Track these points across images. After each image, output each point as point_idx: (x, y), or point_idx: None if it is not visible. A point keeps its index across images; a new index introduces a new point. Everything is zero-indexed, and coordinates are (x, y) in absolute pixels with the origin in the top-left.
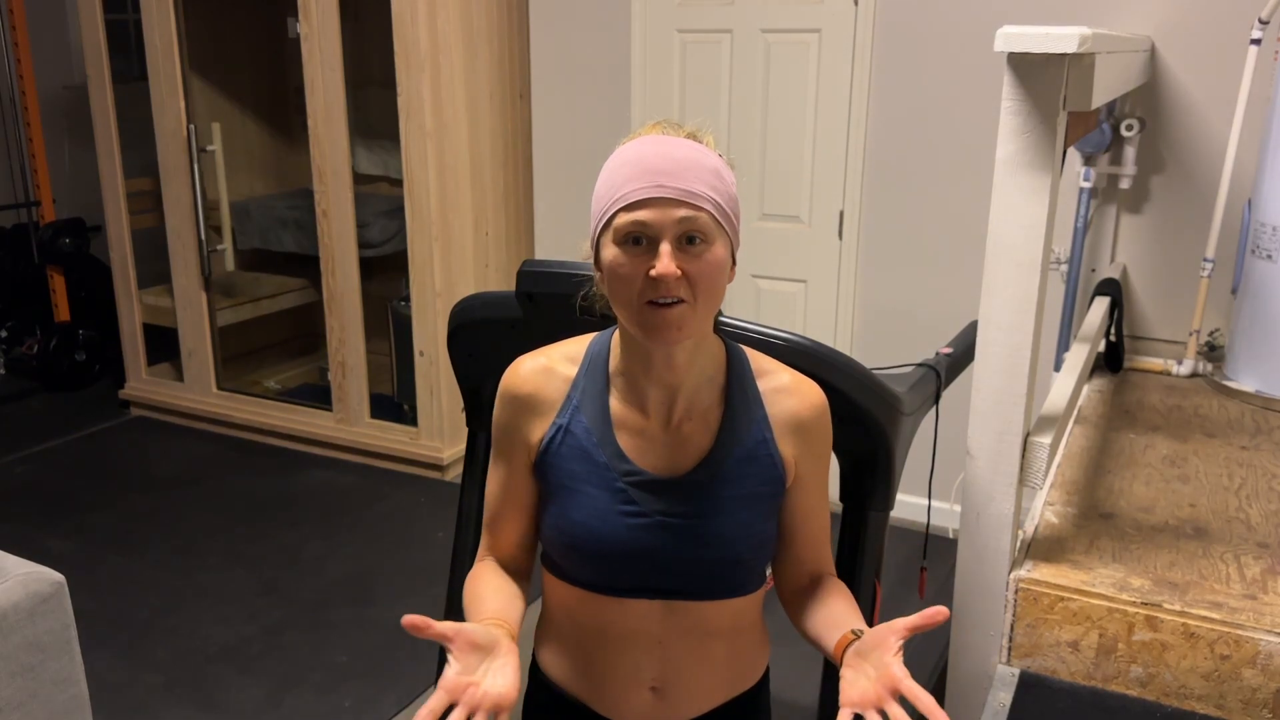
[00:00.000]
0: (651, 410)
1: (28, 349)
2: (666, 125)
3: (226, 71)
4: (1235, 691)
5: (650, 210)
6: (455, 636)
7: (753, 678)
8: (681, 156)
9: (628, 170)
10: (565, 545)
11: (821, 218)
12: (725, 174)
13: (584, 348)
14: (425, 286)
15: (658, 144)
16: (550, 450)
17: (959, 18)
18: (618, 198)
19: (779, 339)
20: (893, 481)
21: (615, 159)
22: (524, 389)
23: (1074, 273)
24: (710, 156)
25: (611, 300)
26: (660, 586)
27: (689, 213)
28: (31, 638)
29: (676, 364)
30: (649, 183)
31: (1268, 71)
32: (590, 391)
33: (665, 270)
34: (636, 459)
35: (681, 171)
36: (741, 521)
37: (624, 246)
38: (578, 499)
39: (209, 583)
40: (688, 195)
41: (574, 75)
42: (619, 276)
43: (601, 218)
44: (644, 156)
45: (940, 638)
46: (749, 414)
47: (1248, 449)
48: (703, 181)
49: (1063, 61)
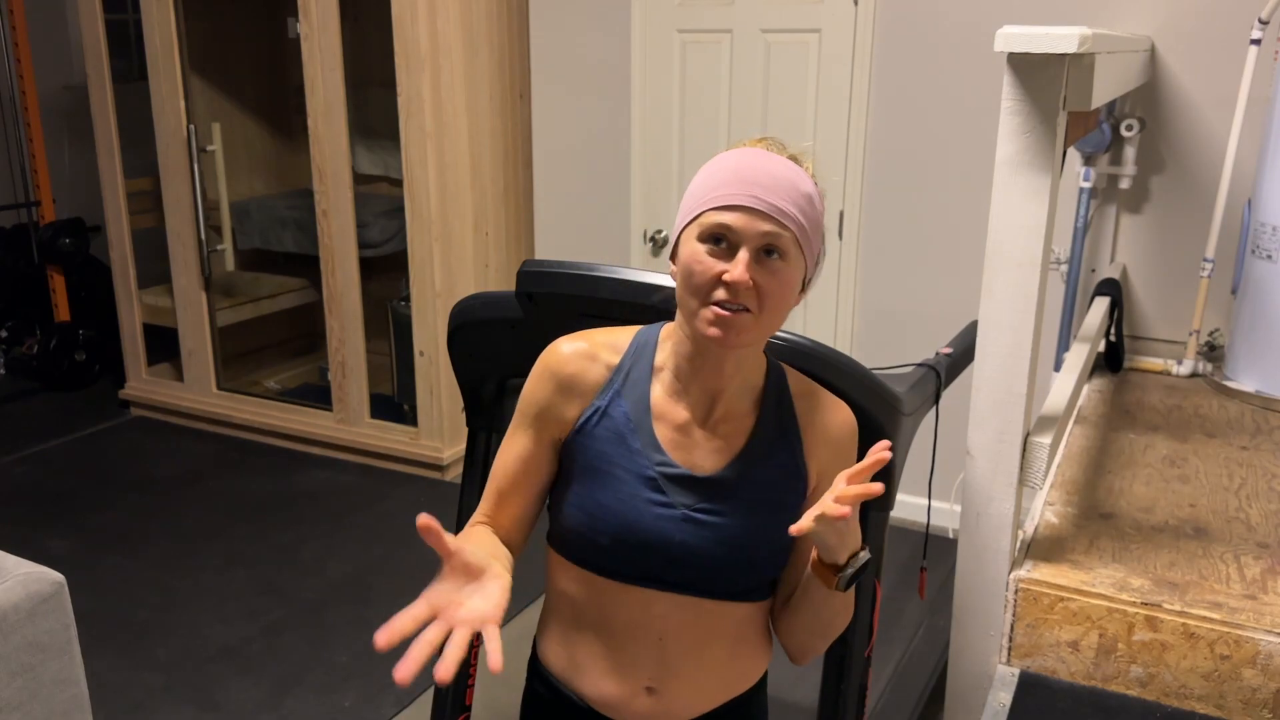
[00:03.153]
0: (691, 406)
1: (28, 349)
2: (772, 143)
3: (226, 71)
4: (1235, 691)
5: (738, 216)
6: (454, 554)
7: (749, 682)
8: (779, 174)
9: (725, 175)
10: (587, 526)
11: None
12: (817, 202)
13: (628, 338)
14: (425, 286)
15: (759, 157)
16: (584, 430)
17: (959, 18)
18: (711, 197)
19: (779, 339)
20: (893, 482)
21: (715, 162)
22: (567, 369)
23: (1074, 273)
24: (806, 181)
25: (680, 293)
26: (669, 578)
27: (774, 228)
28: (31, 638)
29: (724, 369)
30: (743, 190)
31: (1268, 71)
32: (634, 380)
33: (739, 277)
34: (671, 451)
35: (776, 188)
36: (762, 525)
37: (705, 244)
38: (606, 481)
39: (209, 583)
40: (776, 211)
41: (574, 75)
42: (693, 272)
43: (691, 214)
44: (744, 166)
45: (940, 638)
46: (781, 424)
47: (1248, 449)
48: (793, 202)
49: (1063, 61)
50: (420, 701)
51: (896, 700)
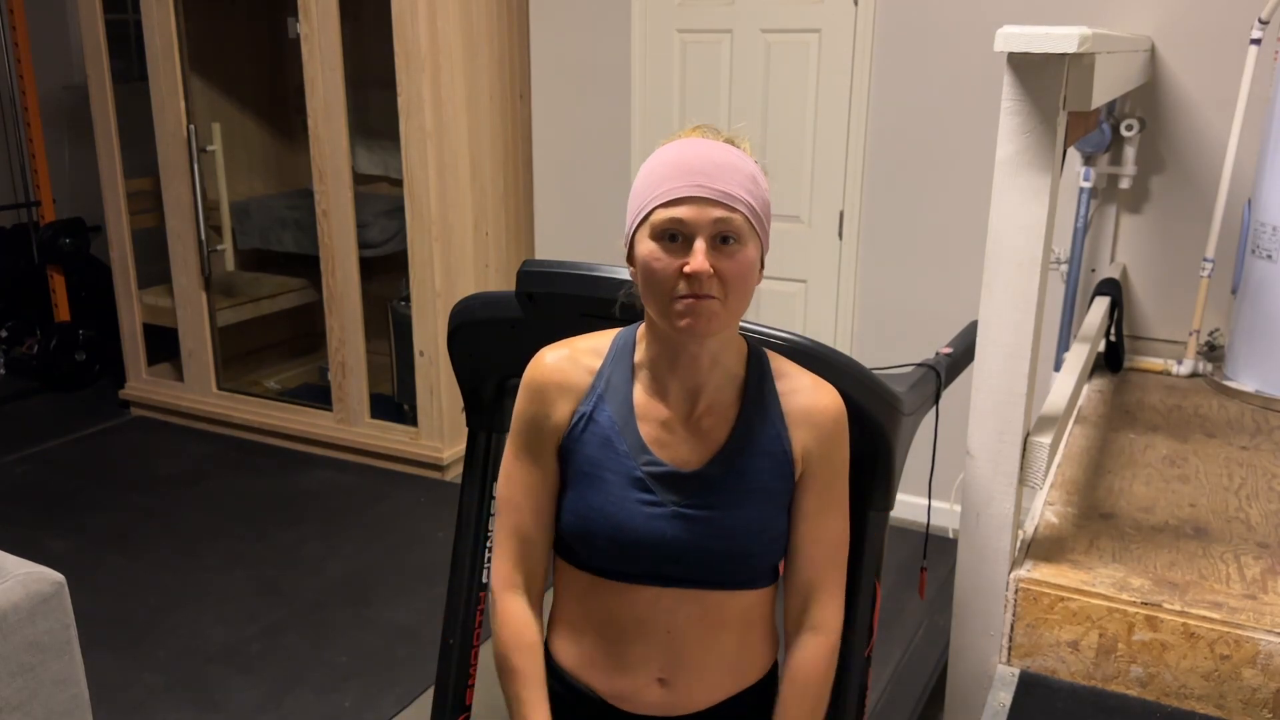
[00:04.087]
0: (673, 403)
1: (28, 349)
2: (707, 129)
3: (226, 71)
4: (1235, 691)
5: (687, 208)
6: None
7: (760, 672)
8: (720, 160)
9: (667, 169)
10: (581, 530)
11: (821, 218)
12: (760, 180)
13: (608, 341)
14: (425, 286)
15: (698, 146)
16: (573, 436)
17: (959, 18)
18: (657, 194)
19: (779, 339)
20: (893, 481)
21: (655, 158)
22: (552, 378)
23: (1074, 273)
24: (748, 162)
25: (644, 294)
26: (671, 574)
27: (724, 214)
28: (31, 638)
29: (701, 360)
30: (688, 182)
31: (1268, 71)
32: (615, 382)
33: (699, 266)
34: (657, 450)
35: (720, 174)
36: (754, 515)
37: (660, 242)
38: (597, 486)
39: (209, 583)
40: (724, 197)
41: (574, 75)
42: (653, 270)
43: (640, 213)
44: (684, 158)
45: (940, 638)
46: (765, 412)
47: (1248, 449)
48: (739, 185)
49: (1063, 61)
50: (420, 701)
51: (896, 700)
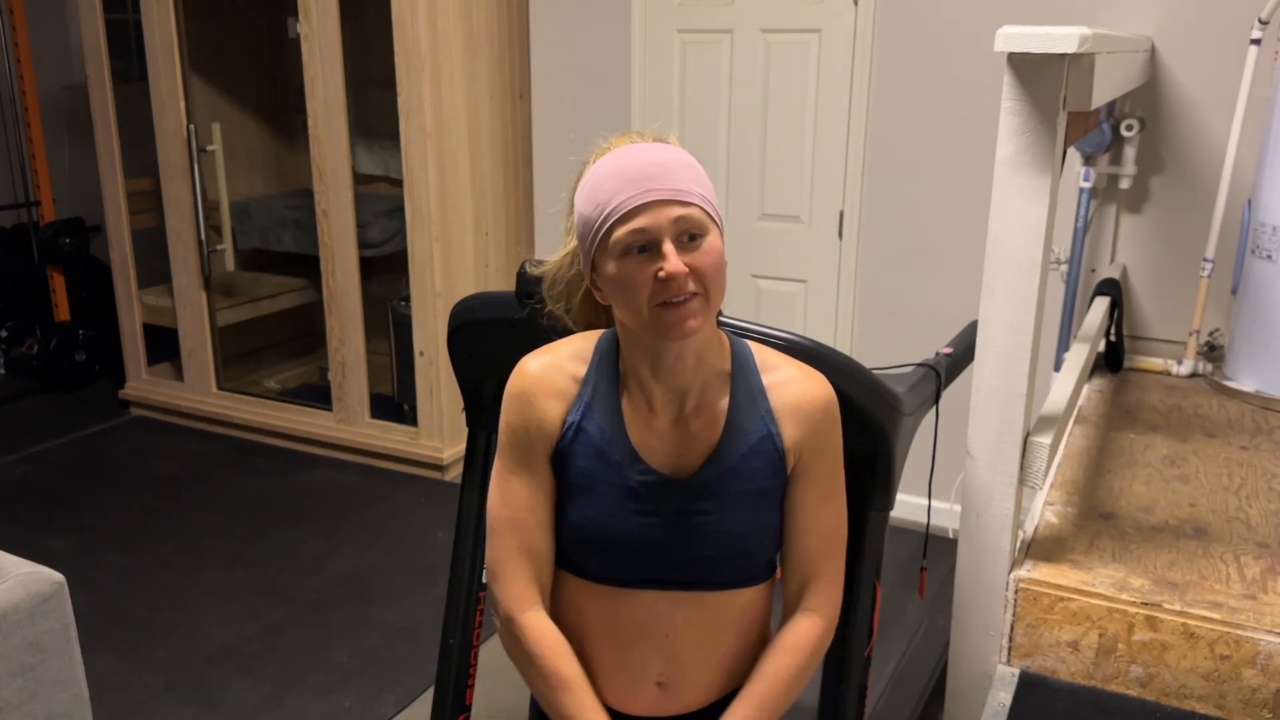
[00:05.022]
0: (661, 407)
1: (28, 349)
2: (633, 134)
3: (226, 71)
4: (1235, 691)
5: (646, 216)
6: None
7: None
8: (660, 159)
9: (612, 184)
10: (577, 541)
11: (821, 218)
12: (700, 168)
13: (591, 345)
14: (425, 286)
15: (633, 153)
16: (563, 446)
17: (959, 18)
18: (609, 212)
19: (779, 339)
20: (893, 481)
21: (594, 177)
22: (537, 387)
23: (1074, 273)
24: (684, 154)
25: (620, 310)
26: (669, 578)
27: (682, 211)
28: (31, 638)
29: (687, 360)
30: (637, 190)
31: (1268, 71)
32: (601, 389)
33: (675, 269)
34: (648, 457)
35: (664, 173)
36: (750, 516)
37: (627, 258)
38: (591, 497)
39: (209, 582)
40: (677, 194)
41: (574, 75)
42: (631, 285)
43: (595, 237)
44: (625, 167)
45: (940, 638)
46: (754, 408)
47: (1248, 449)
48: (687, 179)
49: (1063, 61)
50: (420, 701)
51: (896, 700)
